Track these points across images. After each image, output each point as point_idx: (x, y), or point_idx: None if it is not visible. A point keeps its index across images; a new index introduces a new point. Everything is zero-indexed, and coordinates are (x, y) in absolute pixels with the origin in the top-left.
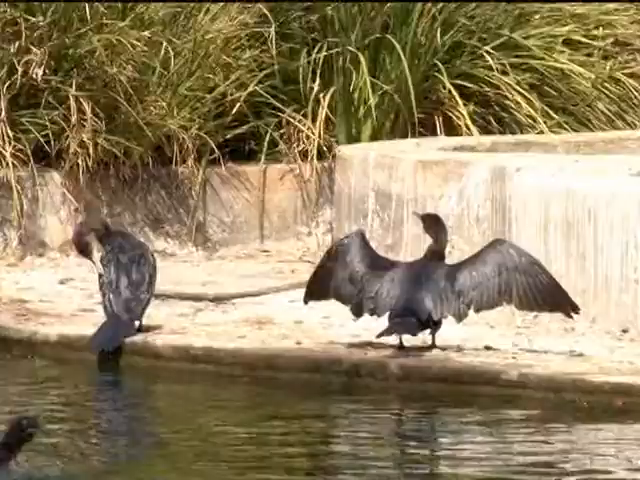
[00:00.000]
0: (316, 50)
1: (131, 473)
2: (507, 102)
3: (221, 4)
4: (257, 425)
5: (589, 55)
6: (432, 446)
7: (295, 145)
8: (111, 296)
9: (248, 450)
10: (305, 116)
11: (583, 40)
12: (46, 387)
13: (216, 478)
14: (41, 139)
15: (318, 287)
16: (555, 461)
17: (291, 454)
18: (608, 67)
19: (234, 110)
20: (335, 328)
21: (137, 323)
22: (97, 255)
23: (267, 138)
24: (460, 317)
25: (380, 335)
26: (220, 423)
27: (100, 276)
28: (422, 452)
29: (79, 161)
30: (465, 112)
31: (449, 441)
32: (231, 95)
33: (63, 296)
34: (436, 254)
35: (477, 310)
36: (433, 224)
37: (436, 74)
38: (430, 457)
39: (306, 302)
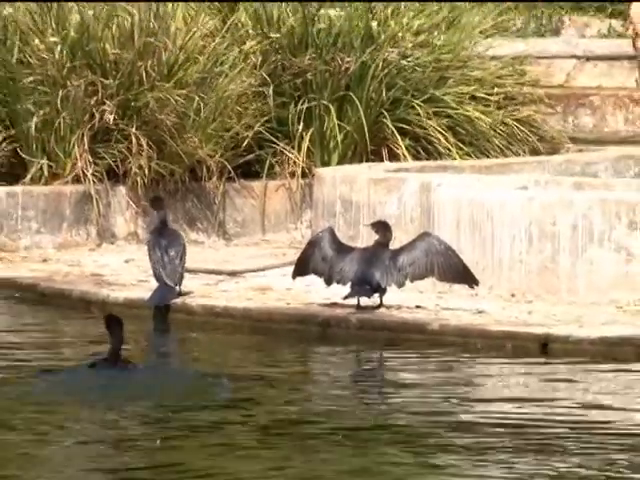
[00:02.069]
0: (300, 103)
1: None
2: (431, 138)
3: (236, 71)
4: (260, 360)
5: (487, 106)
6: (379, 374)
7: (286, 167)
8: (160, 269)
9: (250, 375)
10: (293, 148)
11: (483, 96)
12: None
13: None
14: (112, 163)
15: (302, 267)
16: (459, 382)
17: (280, 378)
18: (500, 115)
19: (244, 144)
20: (314, 293)
21: (177, 289)
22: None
23: (267, 163)
24: (400, 285)
25: (346, 297)
26: (234, 358)
27: (150, 256)
28: (372, 379)
29: (138, 179)
30: (403, 145)
31: (391, 371)
32: (242, 134)
33: (127, 271)
34: (382, 244)
35: (412, 280)
36: (381, 227)
37: (383, 119)
38: (378, 382)
39: (294, 277)
